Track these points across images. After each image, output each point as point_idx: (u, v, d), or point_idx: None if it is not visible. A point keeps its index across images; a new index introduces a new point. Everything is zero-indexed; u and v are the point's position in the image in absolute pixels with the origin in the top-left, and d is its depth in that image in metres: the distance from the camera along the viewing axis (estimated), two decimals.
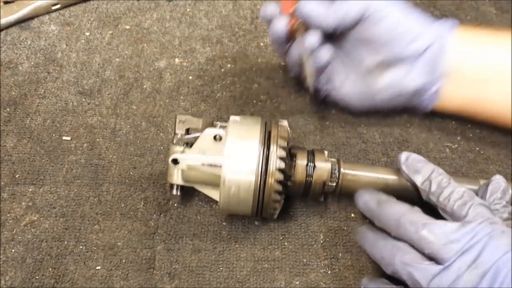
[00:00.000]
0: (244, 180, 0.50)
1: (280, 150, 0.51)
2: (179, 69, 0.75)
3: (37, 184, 0.61)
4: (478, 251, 0.43)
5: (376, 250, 0.49)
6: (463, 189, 0.48)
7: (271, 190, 0.51)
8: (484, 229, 0.44)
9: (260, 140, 0.51)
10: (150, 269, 0.55)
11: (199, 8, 0.83)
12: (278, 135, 0.52)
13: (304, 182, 0.54)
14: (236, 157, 0.51)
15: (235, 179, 0.50)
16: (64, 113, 0.68)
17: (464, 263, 0.43)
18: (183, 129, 0.55)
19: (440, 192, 0.49)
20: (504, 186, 0.50)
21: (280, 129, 0.53)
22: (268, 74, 0.74)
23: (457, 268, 0.43)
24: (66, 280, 0.53)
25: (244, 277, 0.54)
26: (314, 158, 0.54)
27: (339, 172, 0.55)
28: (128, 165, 0.63)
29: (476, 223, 0.44)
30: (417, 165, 0.52)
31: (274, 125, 0.54)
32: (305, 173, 0.54)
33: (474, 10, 0.83)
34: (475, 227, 0.44)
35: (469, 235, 0.43)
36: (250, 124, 0.53)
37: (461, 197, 0.47)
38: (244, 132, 0.52)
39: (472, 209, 0.46)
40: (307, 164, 0.54)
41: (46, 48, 0.76)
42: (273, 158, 0.51)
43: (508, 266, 0.42)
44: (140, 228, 0.58)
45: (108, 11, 0.82)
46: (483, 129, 0.68)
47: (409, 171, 0.52)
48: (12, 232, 0.57)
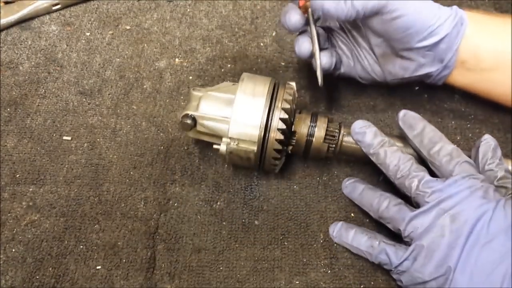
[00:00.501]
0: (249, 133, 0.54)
1: (285, 103, 0.54)
2: (179, 69, 0.75)
3: (37, 184, 0.61)
4: (455, 202, 0.48)
5: (366, 199, 0.57)
6: (452, 146, 0.53)
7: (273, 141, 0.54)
8: (466, 183, 0.49)
9: (266, 97, 0.54)
10: (150, 269, 0.55)
11: (199, 8, 0.83)
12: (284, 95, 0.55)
13: (305, 140, 0.57)
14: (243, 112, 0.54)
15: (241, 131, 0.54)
16: (65, 113, 0.68)
17: (441, 210, 0.48)
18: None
19: (431, 147, 0.53)
20: (493, 144, 0.54)
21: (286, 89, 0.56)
22: (268, 74, 0.74)
23: (434, 213, 0.48)
24: (67, 280, 0.53)
25: (244, 277, 0.55)
26: (316, 119, 0.57)
27: (340, 133, 0.57)
28: (129, 165, 0.63)
29: (459, 176, 0.49)
30: (412, 121, 0.57)
31: (282, 85, 0.57)
32: (306, 132, 0.57)
33: None
34: (457, 180, 0.49)
35: (451, 187, 0.49)
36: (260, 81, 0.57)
37: (449, 154, 0.52)
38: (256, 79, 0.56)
39: (458, 166, 0.51)
40: (310, 124, 0.57)
41: (47, 48, 0.76)
42: (276, 115, 0.54)
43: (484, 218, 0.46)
44: (140, 227, 0.58)
45: (109, 11, 0.82)
46: (483, 129, 0.68)
47: (404, 125, 0.57)
48: (13, 232, 0.57)
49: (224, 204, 0.60)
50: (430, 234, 0.48)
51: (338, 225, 0.57)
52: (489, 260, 0.45)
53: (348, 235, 0.56)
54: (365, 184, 0.59)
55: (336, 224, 0.58)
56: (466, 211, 0.47)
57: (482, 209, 0.47)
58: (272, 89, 0.55)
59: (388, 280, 0.55)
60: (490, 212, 0.46)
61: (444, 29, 0.57)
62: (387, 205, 0.53)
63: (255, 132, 0.54)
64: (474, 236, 0.46)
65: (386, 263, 0.52)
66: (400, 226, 0.51)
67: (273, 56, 0.77)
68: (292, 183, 0.63)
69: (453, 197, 0.48)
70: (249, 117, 0.54)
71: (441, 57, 0.59)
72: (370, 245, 0.53)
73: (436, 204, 0.49)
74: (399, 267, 0.50)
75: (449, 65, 0.60)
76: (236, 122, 0.54)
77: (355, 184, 0.60)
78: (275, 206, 0.61)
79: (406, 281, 0.50)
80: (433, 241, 0.48)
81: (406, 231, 0.50)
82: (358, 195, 0.58)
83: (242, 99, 0.54)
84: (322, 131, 0.57)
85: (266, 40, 0.79)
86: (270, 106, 0.54)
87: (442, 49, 0.58)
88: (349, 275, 0.55)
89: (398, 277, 0.51)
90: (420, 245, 0.49)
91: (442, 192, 0.49)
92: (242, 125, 0.54)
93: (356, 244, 0.55)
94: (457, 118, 0.69)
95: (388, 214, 0.53)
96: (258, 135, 0.54)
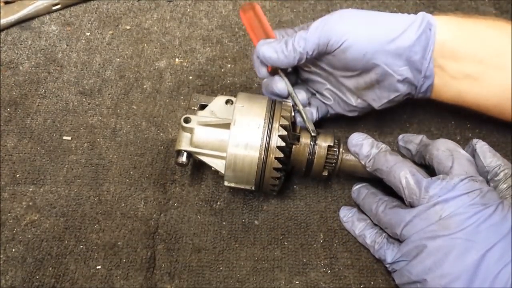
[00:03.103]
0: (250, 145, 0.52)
1: (282, 130, 0.53)
2: (179, 69, 0.75)
3: (37, 184, 0.61)
4: (451, 206, 0.47)
5: (367, 204, 0.56)
6: (451, 142, 0.53)
7: (273, 161, 0.53)
8: (463, 186, 0.47)
9: (265, 116, 0.53)
10: (150, 269, 0.55)
11: (199, 8, 0.83)
12: (281, 113, 0.54)
13: (306, 160, 0.56)
14: (242, 130, 0.53)
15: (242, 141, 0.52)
16: (65, 113, 0.68)
17: (436, 215, 0.47)
18: (197, 105, 0.59)
19: (429, 143, 0.54)
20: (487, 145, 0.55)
21: (283, 109, 0.55)
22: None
23: (429, 217, 0.47)
24: (67, 280, 0.53)
25: (244, 277, 0.55)
26: (316, 138, 0.56)
27: (339, 152, 0.57)
28: (129, 165, 0.63)
29: (458, 179, 0.48)
30: (410, 137, 0.59)
31: (278, 104, 0.56)
32: (307, 151, 0.56)
33: (474, 10, 0.83)
34: (455, 184, 0.48)
35: (448, 191, 0.47)
36: (257, 99, 0.56)
37: (448, 149, 0.52)
38: (252, 104, 0.55)
39: (457, 163, 0.50)
40: (310, 143, 0.56)
41: (47, 48, 0.76)
42: (275, 134, 0.53)
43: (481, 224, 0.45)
44: (140, 227, 0.58)
45: (109, 12, 0.82)
46: (483, 129, 0.68)
47: (404, 143, 0.59)
48: (13, 232, 0.57)
49: (224, 204, 0.60)
50: (422, 237, 0.47)
51: (352, 212, 0.58)
52: (490, 268, 0.44)
53: (358, 225, 0.56)
54: (369, 189, 0.58)
55: (350, 209, 0.58)
56: (460, 216, 0.46)
57: (479, 215, 0.46)
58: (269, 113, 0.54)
59: (387, 280, 0.55)
60: (487, 218, 0.45)
61: (408, 36, 0.54)
62: (384, 209, 0.53)
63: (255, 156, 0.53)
64: (470, 243, 0.45)
65: (384, 259, 0.52)
66: (397, 231, 0.50)
67: None
68: (292, 183, 0.63)
69: (449, 201, 0.47)
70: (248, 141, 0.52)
71: (417, 67, 0.56)
72: (374, 240, 0.54)
73: (431, 208, 0.48)
74: (393, 265, 0.51)
75: (428, 74, 0.57)
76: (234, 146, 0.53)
77: (360, 189, 0.59)
78: (275, 206, 0.61)
79: (397, 279, 0.51)
80: (424, 244, 0.47)
81: (402, 235, 0.50)
82: (361, 201, 0.58)
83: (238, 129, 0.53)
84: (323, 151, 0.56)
85: None
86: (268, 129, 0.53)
87: (416, 59, 0.55)
88: (349, 275, 0.55)
89: (393, 275, 0.52)
90: (411, 248, 0.48)
91: (439, 196, 0.48)
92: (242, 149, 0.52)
93: (363, 235, 0.55)
94: (457, 118, 0.69)
95: (385, 218, 0.52)
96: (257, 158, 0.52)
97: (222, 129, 0.54)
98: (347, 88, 0.60)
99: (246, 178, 0.54)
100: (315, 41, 0.54)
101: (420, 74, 0.57)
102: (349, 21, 0.55)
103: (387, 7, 0.84)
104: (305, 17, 0.82)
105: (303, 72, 0.63)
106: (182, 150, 0.55)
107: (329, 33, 0.54)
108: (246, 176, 0.53)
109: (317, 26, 0.55)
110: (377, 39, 0.54)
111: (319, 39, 0.54)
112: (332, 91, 0.62)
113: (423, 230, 0.47)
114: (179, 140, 0.56)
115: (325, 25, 0.55)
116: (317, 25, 0.55)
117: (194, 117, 0.55)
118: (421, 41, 0.55)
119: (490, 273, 0.44)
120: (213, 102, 0.57)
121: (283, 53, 0.56)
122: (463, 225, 0.46)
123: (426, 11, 0.58)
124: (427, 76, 0.57)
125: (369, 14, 0.57)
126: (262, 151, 0.52)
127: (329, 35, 0.54)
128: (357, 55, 0.54)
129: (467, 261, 0.44)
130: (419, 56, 0.55)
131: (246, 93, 0.57)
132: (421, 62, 0.55)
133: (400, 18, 0.56)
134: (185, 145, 0.55)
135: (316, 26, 0.55)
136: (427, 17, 0.56)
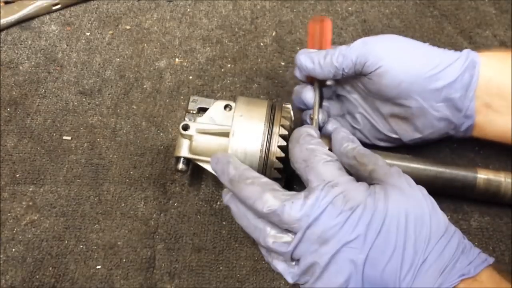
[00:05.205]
0: (249, 154, 0.52)
1: (282, 129, 0.53)
2: (179, 69, 0.75)
3: (37, 184, 0.61)
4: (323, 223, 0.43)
5: (243, 225, 0.49)
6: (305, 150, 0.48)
7: (273, 161, 0.52)
8: (326, 197, 0.44)
9: (265, 120, 0.53)
10: (150, 268, 0.55)
11: (199, 8, 0.83)
12: (281, 116, 0.54)
13: None
14: (242, 135, 0.52)
15: (241, 151, 0.52)
16: (65, 113, 0.68)
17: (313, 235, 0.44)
18: (195, 108, 0.58)
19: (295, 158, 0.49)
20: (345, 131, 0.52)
21: (283, 111, 0.55)
22: (268, 74, 0.75)
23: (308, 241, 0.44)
24: (67, 280, 0.53)
25: (244, 276, 0.55)
26: None
27: None
28: (129, 165, 0.63)
29: (318, 190, 0.44)
30: None
31: (278, 106, 0.56)
32: None
33: (474, 10, 0.83)
34: (318, 197, 0.44)
35: (313, 207, 0.44)
36: (256, 104, 0.55)
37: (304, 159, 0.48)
38: (251, 111, 0.54)
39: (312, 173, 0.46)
40: None
41: (47, 48, 0.76)
42: (275, 137, 0.52)
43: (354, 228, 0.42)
44: (140, 227, 0.58)
45: (109, 11, 0.82)
46: None
47: None
48: (13, 232, 0.57)
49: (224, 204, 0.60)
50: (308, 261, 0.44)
51: None
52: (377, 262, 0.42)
53: None
54: None
55: None
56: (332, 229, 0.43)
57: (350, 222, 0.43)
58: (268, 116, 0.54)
59: None
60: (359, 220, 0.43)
61: (450, 74, 0.52)
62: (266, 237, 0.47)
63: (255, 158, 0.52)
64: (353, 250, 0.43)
65: None
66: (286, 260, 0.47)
67: (273, 56, 0.77)
68: (292, 187, 0.63)
69: (319, 219, 0.43)
70: (247, 151, 0.52)
71: (457, 106, 0.54)
72: None
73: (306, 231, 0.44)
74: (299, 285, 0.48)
75: (469, 113, 0.54)
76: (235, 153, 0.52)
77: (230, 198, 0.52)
78: None
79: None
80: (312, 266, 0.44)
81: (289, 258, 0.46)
82: None
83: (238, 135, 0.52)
84: None
85: (266, 40, 0.79)
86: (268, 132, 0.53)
87: (456, 97, 0.53)
88: None
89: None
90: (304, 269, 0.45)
91: (309, 216, 0.44)
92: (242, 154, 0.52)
93: None
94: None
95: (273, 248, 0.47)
96: (258, 161, 0.52)
97: (222, 137, 0.54)
98: (380, 114, 0.59)
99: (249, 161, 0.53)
100: (353, 59, 0.54)
101: (460, 113, 0.55)
102: (389, 46, 0.55)
103: (387, 6, 0.84)
104: (305, 17, 0.82)
105: (341, 89, 0.62)
106: (181, 157, 0.55)
107: (367, 55, 0.53)
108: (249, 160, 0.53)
109: (358, 45, 0.55)
110: (415, 70, 0.53)
111: (356, 58, 0.54)
112: (364, 116, 0.61)
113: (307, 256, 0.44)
114: (178, 146, 0.56)
115: (365, 45, 0.54)
116: (358, 43, 0.55)
117: (193, 124, 0.55)
118: (463, 79, 0.53)
119: None
120: (212, 107, 0.56)
121: (319, 65, 0.55)
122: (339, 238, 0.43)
123: (426, 11, 0.58)
124: (467, 116, 0.55)
125: (412, 44, 0.56)
126: (262, 157, 0.52)
127: (367, 56, 0.53)
128: (392, 82, 0.53)
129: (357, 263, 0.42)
130: (460, 94, 0.54)
131: (245, 98, 0.56)
132: (461, 100, 0.54)
133: (444, 53, 0.55)
134: (184, 151, 0.55)
135: (357, 45, 0.55)
136: (471, 55, 0.54)
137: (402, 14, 0.83)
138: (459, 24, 0.81)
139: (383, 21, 0.82)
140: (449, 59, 0.54)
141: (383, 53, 0.53)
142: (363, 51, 0.54)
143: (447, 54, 0.55)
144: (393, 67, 0.53)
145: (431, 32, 0.80)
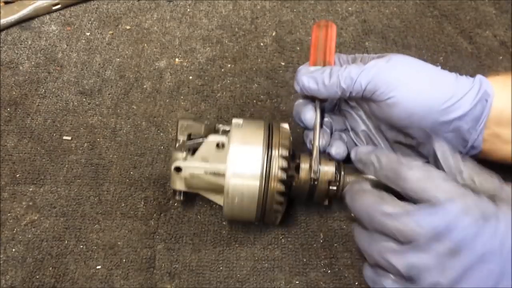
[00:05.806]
0: (247, 189, 0.51)
1: (282, 159, 0.51)
2: (179, 69, 0.75)
3: (37, 184, 0.61)
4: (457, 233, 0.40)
5: (360, 243, 0.47)
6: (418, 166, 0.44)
7: (274, 193, 0.51)
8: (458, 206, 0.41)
9: (263, 147, 0.51)
10: (150, 269, 0.55)
11: (199, 8, 0.84)
12: (280, 141, 0.52)
13: (308, 185, 0.54)
14: (239, 165, 0.51)
15: (239, 188, 0.51)
16: (65, 113, 0.68)
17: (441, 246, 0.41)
18: (185, 134, 0.55)
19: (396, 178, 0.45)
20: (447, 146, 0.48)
21: (281, 135, 0.53)
22: (268, 74, 0.75)
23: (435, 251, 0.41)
24: (67, 280, 0.53)
25: (244, 277, 0.55)
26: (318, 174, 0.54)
27: (341, 175, 0.54)
28: (129, 165, 0.63)
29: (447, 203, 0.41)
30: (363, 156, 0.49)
31: (276, 130, 0.54)
32: (309, 176, 0.53)
33: (474, 10, 0.84)
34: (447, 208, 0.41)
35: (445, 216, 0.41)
36: (252, 128, 0.53)
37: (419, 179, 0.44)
38: (247, 137, 0.52)
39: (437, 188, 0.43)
40: (310, 167, 0.53)
41: (47, 48, 0.76)
42: (275, 165, 0.51)
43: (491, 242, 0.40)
44: (141, 227, 0.58)
45: (109, 11, 0.82)
46: None
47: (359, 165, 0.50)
48: (13, 232, 0.57)
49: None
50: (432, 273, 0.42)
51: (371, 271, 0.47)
52: None
53: None
54: None
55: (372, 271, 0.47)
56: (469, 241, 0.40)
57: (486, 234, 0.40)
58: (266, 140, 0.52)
59: None
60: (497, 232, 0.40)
61: (463, 106, 0.50)
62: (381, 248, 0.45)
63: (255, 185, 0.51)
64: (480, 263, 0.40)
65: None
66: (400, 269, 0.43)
67: (273, 56, 0.77)
68: None
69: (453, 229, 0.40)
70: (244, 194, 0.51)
71: (464, 137, 0.52)
72: None
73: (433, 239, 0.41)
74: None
75: (476, 145, 0.53)
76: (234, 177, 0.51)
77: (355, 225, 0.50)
78: None
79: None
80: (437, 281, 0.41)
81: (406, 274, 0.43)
82: None
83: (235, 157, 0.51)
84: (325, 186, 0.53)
85: (266, 40, 0.79)
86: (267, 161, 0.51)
87: (464, 129, 0.51)
88: (349, 275, 0.55)
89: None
90: None
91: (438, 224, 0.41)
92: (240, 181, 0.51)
93: None
94: None
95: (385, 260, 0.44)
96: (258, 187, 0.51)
97: (217, 177, 0.52)
98: (385, 138, 0.58)
99: (246, 214, 0.53)
100: (362, 85, 0.51)
101: (466, 143, 0.53)
102: (403, 74, 0.51)
103: (387, 6, 0.84)
104: (305, 17, 0.82)
105: (345, 104, 0.60)
106: (177, 190, 0.55)
107: (379, 83, 0.50)
108: (247, 216, 0.54)
109: (369, 70, 0.51)
110: (428, 103, 0.50)
111: (367, 84, 0.50)
112: (368, 134, 0.59)
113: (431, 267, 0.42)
114: (173, 180, 0.55)
115: (377, 71, 0.50)
116: (369, 68, 0.51)
117: (185, 166, 0.53)
118: (474, 112, 0.51)
119: None
120: (204, 146, 0.53)
121: (324, 85, 0.52)
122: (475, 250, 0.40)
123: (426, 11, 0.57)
124: (474, 147, 0.53)
125: (426, 71, 0.53)
126: (261, 198, 0.51)
127: (378, 84, 0.50)
128: (403, 114, 0.51)
129: None
130: (469, 126, 0.51)
131: (239, 130, 0.53)
132: (469, 132, 0.52)
133: (457, 82, 0.52)
134: (179, 185, 0.55)
135: (368, 70, 0.51)
136: (484, 85, 0.51)
137: (402, 14, 0.83)
138: (459, 24, 0.81)
139: (383, 21, 0.82)
140: (463, 89, 0.51)
141: (396, 83, 0.50)
142: (375, 78, 0.50)
143: (461, 83, 0.51)
144: (405, 99, 0.50)
145: (431, 32, 0.80)
